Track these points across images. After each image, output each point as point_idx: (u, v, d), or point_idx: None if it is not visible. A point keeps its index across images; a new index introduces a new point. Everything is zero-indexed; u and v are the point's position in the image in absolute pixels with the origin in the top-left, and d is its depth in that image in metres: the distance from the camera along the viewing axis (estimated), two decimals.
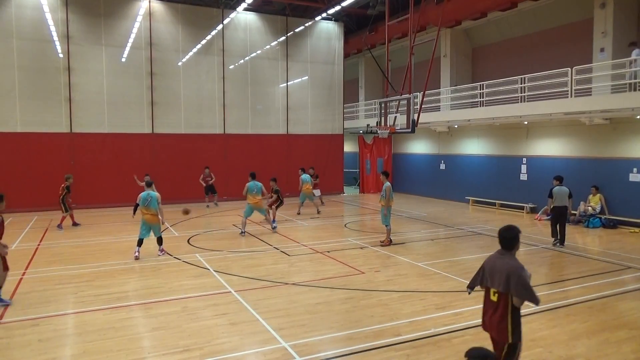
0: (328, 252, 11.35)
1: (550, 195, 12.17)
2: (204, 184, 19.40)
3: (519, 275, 4.27)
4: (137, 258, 10.56)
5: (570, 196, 12.07)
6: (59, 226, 14.56)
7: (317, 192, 19.05)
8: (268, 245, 12.13)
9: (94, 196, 19.17)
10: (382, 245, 11.98)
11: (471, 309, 7.30)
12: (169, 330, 6.54)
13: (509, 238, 4.49)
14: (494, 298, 4.44)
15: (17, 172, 18.06)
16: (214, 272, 9.52)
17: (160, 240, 11.11)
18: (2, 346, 6.05)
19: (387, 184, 12.10)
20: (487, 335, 4.56)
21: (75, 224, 15.10)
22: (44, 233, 13.94)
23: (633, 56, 15.14)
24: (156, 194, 10.80)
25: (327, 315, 7.13)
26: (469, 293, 4.92)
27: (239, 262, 10.44)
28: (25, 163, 18.22)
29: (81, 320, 6.98)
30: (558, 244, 12.11)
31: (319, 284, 8.69)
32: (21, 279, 9.11)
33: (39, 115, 18.36)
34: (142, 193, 10.88)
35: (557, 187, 12.14)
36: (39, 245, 12.28)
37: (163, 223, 11.23)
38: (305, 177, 17.68)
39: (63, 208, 14.44)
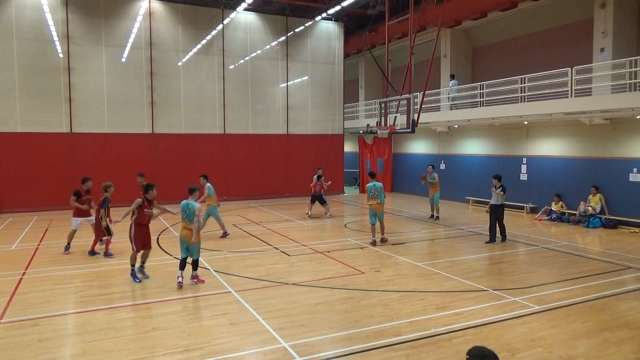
0: (328, 252, 11.35)
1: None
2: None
3: None
4: (180, 285, 8.45)
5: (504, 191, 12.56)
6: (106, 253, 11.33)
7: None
8: (268, 245, 12.13)
9: (94, 196, 19.03)
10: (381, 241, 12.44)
11: (471, 309, 7.31)
12: (169, 330, 6.54)
13: None
14: None
15: (17, 172, 18.05)
16: (214, 272, 9.52)
17: (195, 264, 8.83)
18: (2, 346, 6.05)
19: (374, 183, 12.97)
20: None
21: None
22: (44, 233, 13.93)
23: (450, 86, 15.20)
24: (195, 204, 8.70)
25: (327, 315, 7.12)
26: None
27: (239, 262, 10.43)
28: (25, 163, 18.19)
29: (81, 320, 6.98)
30: (501, 240, 12.13)
31: (319, 284, 8.69)
32: (21, 279, 9.11)
33: (39, 115, 18.34)
34: (182, 202, 8.77)
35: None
36: (39, 245, 12.28)
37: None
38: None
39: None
